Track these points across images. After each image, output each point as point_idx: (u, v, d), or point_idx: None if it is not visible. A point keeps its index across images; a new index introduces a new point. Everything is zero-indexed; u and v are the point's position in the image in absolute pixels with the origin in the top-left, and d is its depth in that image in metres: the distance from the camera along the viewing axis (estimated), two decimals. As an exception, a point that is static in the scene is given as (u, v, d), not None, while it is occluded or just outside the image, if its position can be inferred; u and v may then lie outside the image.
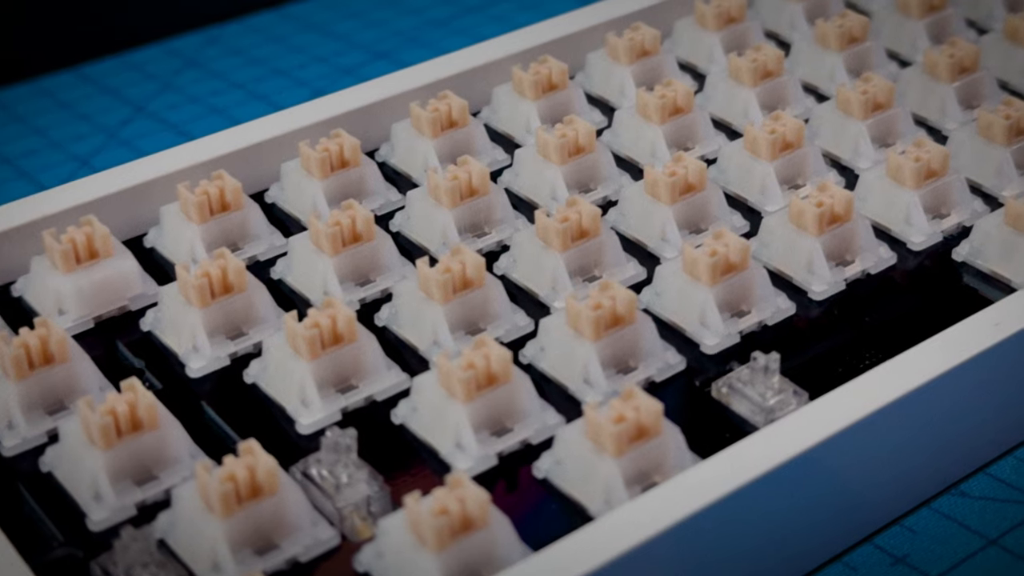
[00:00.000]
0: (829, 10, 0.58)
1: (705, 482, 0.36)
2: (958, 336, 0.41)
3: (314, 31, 0.72)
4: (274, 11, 0.74)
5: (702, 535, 0.36)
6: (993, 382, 0.41)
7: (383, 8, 0.74)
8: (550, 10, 0.66)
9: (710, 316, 0.43)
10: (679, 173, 0.46)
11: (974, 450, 0.42)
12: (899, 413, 0.39)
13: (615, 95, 0.54)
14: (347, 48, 0.70)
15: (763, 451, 0.37)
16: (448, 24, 0.72)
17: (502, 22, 0.71)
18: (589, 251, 0.44)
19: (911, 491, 0.41)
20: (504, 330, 0.43)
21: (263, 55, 0.70)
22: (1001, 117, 0.48)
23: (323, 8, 0.74)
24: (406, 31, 0.72)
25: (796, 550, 0.39)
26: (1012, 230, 0.45)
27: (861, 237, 0.45)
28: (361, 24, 0.73)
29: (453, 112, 0.50)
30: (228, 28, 0.73)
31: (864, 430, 0.38)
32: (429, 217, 0.47)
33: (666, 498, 0.36)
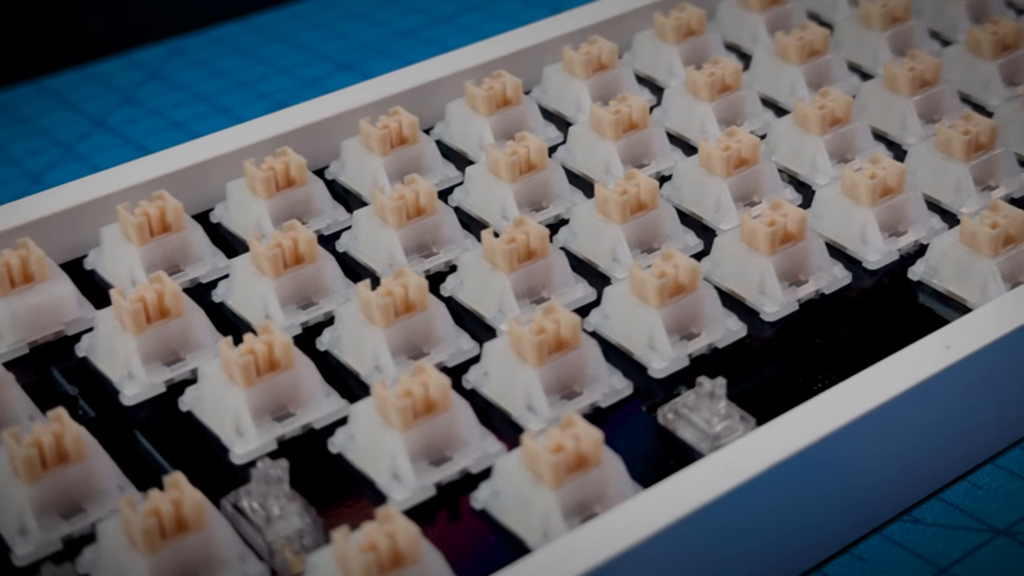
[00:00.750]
0: (791, 22, 0.58)
1: (645, 513, 0.35)
2: (908, 359, 0.40)
3: (279, 42, 0.71)
4: (240, 21, 0.74)
5: (642, 567, 0.35)
6: (945, 405, 0.40)
7: (349, 19, 0.73)
8: (519, 20, 0.66)
9: (658, 339, 0.42)
10: (630, 191, 0.45)
11: (926, 475, 0.41)
12: (846, 440, 0.38)
13: (571, 110, 0.54)
14: (312, 59, 0.69)
15: (706, 480, 0.36)
16: (416, 34, 0.71)
17: (470, 32, 0.70)
18: (537, 272, 0.44)
19: (861, 518, 0.40)
20: (448, 354, 0.42)
21: (227, 67, 0.69)
22: (960, 132, 0.48)
23: (289, 19, 0.74)
24: (372, 42, 0.71)
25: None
26: (967, 249, 0.44)
27: (815, 256, 0.45)
28: (326, 35, 0.72)
29: (404, 129, 0.49)
30: (194, 39, 0.72)
31: (811, 457, 0.37)
32: (376, 237, 0.46)
33: (605, 529, 0.35)
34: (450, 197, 0.49)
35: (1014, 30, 0.53)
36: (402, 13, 0.74)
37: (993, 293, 0.43)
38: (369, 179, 0.49)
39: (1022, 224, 0.44)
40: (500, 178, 0.47)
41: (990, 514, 0.40)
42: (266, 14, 0.74)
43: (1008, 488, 0.41)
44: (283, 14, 0.74)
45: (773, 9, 0.57)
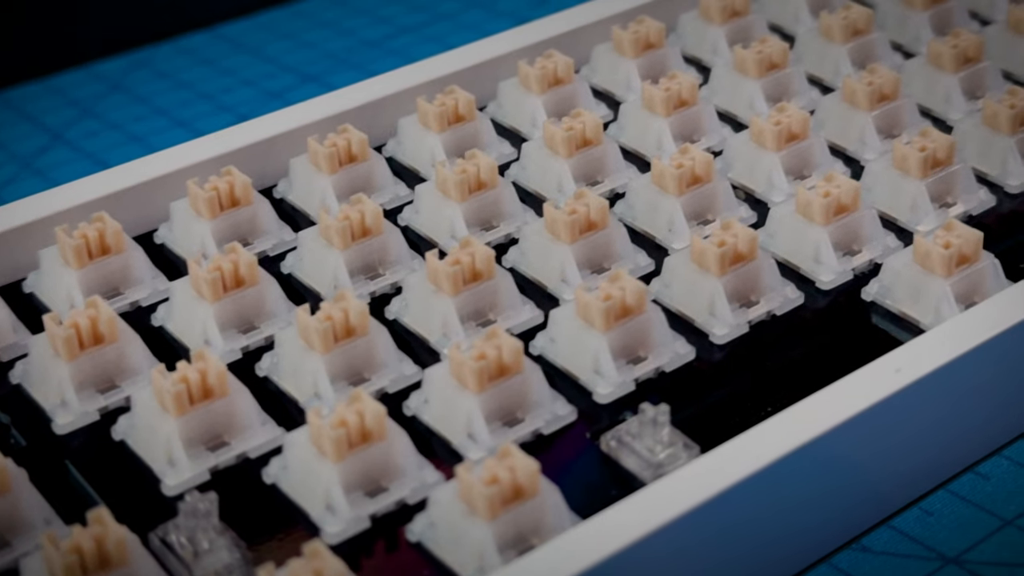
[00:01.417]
0: (752, 35, 0.57)
1: (582, 545, 0.35)
2: (857, 384, 0.39)
3: (246, 53, 0.71)
4: (207, 31, 0.73)
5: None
6: (894, 430, 0.39)
7: (318, 28, 0.72)
8: (487, 29, 0.65)
9: (604, 363, 0.41)
10: (579, 211, 0.45)
11: (875, 502, 0.40)
12: (790, 468, 0.37)
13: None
14: (277, 71, 0.69)
15: (646, 510, 0.36)
16: (382, 45, 0.70)
17: (437, 42, 0.70)
18: (483, 294, 0.43)
19: (808, 547, 0.39)
20: (389, 380, 0.41)
21: (191, 78, 0.68)
22: (916, 149, 0.47)
23: (257, 28, 0.73)
24: (338, 52, 0.70)
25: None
26: (921, 269, 0.43)
27: (766, 276, 0.44)
28: (294, 45, 0.71)
29: (353, 146, 0.48)
30: (159, 50, 0.71)
31: (753, 486, 0.37)
32: (321, 259, 0.45)
33: (541, 562, 0.34)
34: (399, 216, 0.48)
35: (975, 43, 0.52)
36: (371, 23, 0.73)
37: (946, 314, 0.42)
38: (317, 198, 0.48)
39: (976, 244, 0.43)
40: (449, 196, 0.47)
41: (940, 542, 0.39)
42: (235, 23, 0.73)
43: (959, 515, 0.40)
44: (252, 23, 0.73)
45: (734, 22, 0.57)
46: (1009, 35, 0.55)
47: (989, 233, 0.46)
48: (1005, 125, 0.49)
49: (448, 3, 0.74)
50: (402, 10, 0.74)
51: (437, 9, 0.74)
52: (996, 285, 0.43)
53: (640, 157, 0.51)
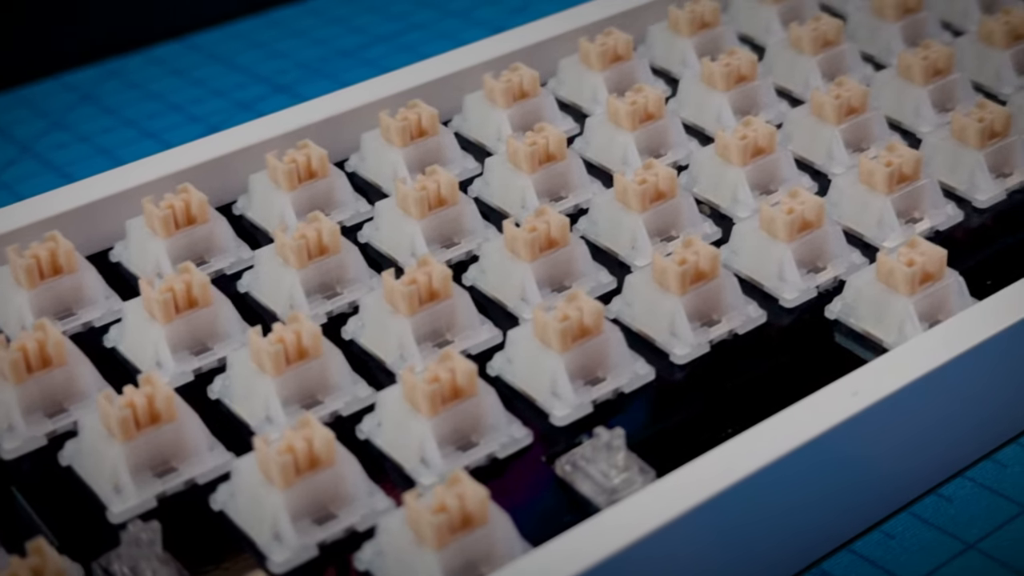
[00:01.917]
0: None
1: (532, 574, 0.34)
2: (814, 407, 0.38)
3: (217, 63, 0.70)
4: (179, 41, 0.72)
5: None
6: (852, 452, 0.39)
7: (290, 37, 0.72)
8: (463, 39, 0.65)
9: (561, 385, 0.40)
10: (539, 228, 0.44)
11: (835, 526, 0.40)
12: (746, 493, 0.37)
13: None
14: (248, 81, 0.68)
15: (598, 537, 0.35)
16: (355, 55, 0.70)
17: (410, 52, 0.69)
18: (439, 314, 0.42)
19: (767, 572, 0.39)
20: (343, 403, 0.41)
21: (161, 89, 0.68)
22: (883, 164, 0.46)
23: (230, 38, 0.72)
24: (311, 62, 0.69)
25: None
26: (884, 287, 0.43)
27: (728, 295, 0.43)
28: (265, 55, 0.70)
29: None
30: (131, 60, 0.71)
31: (709, 512, 0.36)
32: (278, 279, 0.45)
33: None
34: (359, 233, 0.48)
35: (945, 55, 0.52)
36: (345, 32, 0.72)
37: (910, 333, 0.42)
38: (276, 215, 0.48)
39: (940, 261, 0.42)
40: (409, 213, 0.46)
41: (900, 566, 0.39)
42: (207, 33, 0.73)
43: (921, 538, 0.40)
44: (224, 33, 0.73)
45: (703, 33, 0.56)
46: (980, 46, 0.54)
47: (957, 248, 0.46)
48: (973, 139, 0.48)
49: (423, 12, 0.73)
50: (377, 19, 0.73)
51: (412, 19, 0.73)
52: (960, 303, 0.43)
53: (606, 171, 0.50)
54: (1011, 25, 0.53)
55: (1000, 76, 0.53)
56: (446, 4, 0.74)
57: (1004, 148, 0.48)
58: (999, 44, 0.53)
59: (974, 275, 0.45)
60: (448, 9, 0.74)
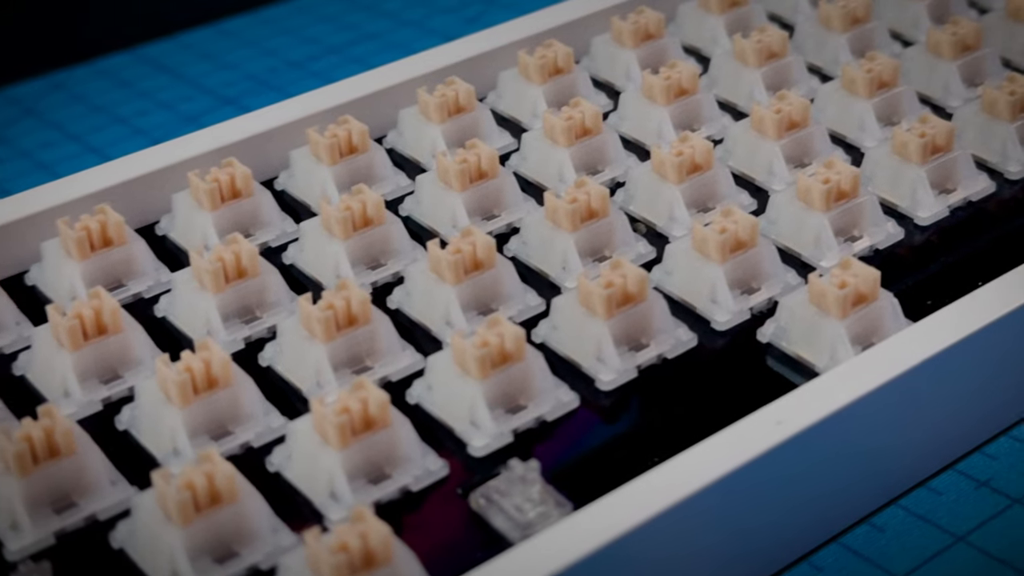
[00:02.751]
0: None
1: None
2: (736, 437, 0.37)
3: (166, 74, 0.69)
4: (128, 53, 0.71)
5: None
6: (774, 485, 0.37)
7: (241, 48, 0.71)
8: (413, 48, 0.63)
9: (479, 413, 0.39)
10: (464, 249, 0.43)
11: (760, 559, 0.38)
12: (664, 527, 0.35)
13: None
14: (195, 93, 0.67)
15: (509, 574, 0.34)
16: (304, 66, 0.69)
17: (361, 63, 0.68)
18: (359, 339, 0.41)
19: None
20: (255, 433, 0.39)
21: (107, 102, 0.67)
22: (820, 181, 0.45)
23: (179, 49, 0.71)
24: (259, 74, 0.68)
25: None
26: (816, 309, 0.41)
27: (656, 318, 0.42)
28: (214, 66, 0.69)
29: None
30: (76, 72, 0.69)
31: (627, 546, 0.35)
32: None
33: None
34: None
35: (891, 67, 0.50)
36: (295, 43, 0.71)
37: (842, 357, 0.41)
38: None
39: (873, 283, 0.41)
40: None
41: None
42: (156, 44, 0.72)
43: (848, 570, 0.38)
44: (173, 44, 0.72)
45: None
46: (928, 57, 0.53)
47: (898, 267, 0.45)
48: (915, 154, 0.47)
49: (377, 22, 0.72)
50: (329, 29, 0.72)
51: (364, 28, 0.72)
52: (895, 325, 0.41)
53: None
54: (958, 36, 0.52)
55: (948, 88, 0.52)
56: (400, 13, 0.73)
57: (947, 163, 0.47)
58: (947, 55, 0.52)
59: (914, 295, 0.44)
60: (402, 19, 0.72)
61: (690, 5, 0.57)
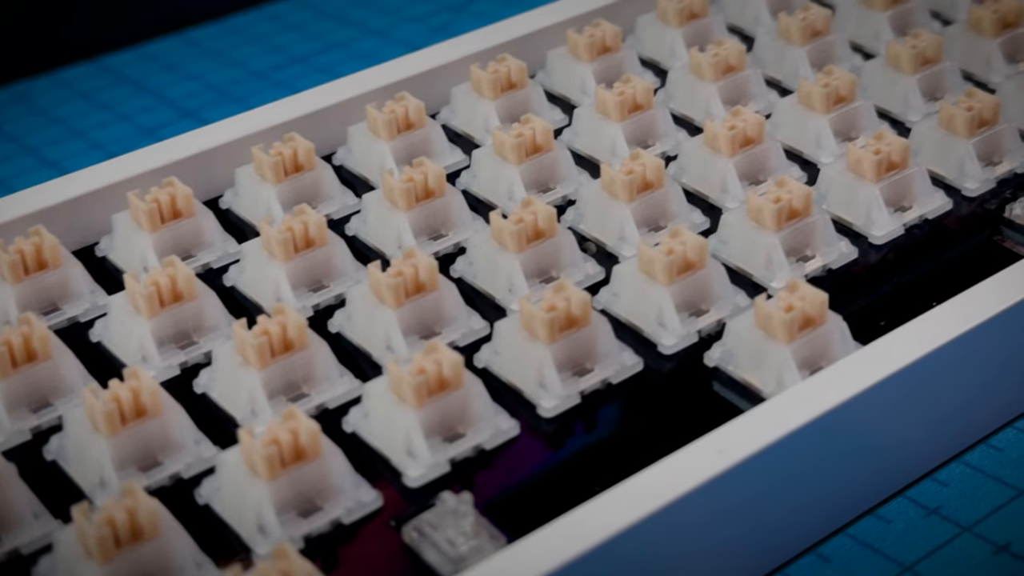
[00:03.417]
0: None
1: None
2: (677, 466, 0.36)
3: (127, 85, 0.68)
4: (91, 63, 0.70)
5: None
6: (718, 515, 0.37)
7: (205, 58, 0.70)
8: (380, 57, 0.62)
9: (416, 442, 0.38)
10: (406, 272, 0.42)
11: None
12: (601, 560, 0.34)
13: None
14: (155, 104, 0.66)
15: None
16: (268, 76, 0.68)
17: (327, 72, 0.67)
18: (294, 366, 0.40)
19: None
20: (184, 464, 0.38)
21: (66, 113, 0.66)
22: (771, 200, 0.44)
23: (141, 60, 0.70)
24: (222, 85, 0.67)
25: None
26: (763, 333, 0.40)
27: (601, 342, 0.41)
28: (178, 77, 0.68)
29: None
30: (38, 83, 0.69)
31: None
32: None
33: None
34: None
35: (848, 81, 0.50)
36: (261, 52, 0.70)
37: (788, 382, 0.40)
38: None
39: (821, 306, 0.40)
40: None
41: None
42: (119, 54, 0.71)
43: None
44: (136, 54, 0.71)
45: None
46: (888, 70, 0.52)
47: (851, 287, 0.44)
48: (869, 172, 0.46)
49: (343, 31, 0.71)
50: (295, 39, 0.71)
51: (330, 38, 0.71)
52: (843, 349, 0.40)
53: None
54: (918, 49, 0.51)
55: (908, 102, 0.51)
56: (366, 22, 0.72)
57: (902, 181, 0.46)
58: (906, 69, 0.51)
59: (867, 316, 0.43)
60: (368, 28, 0.71)
61: (648, 17, 0.57)
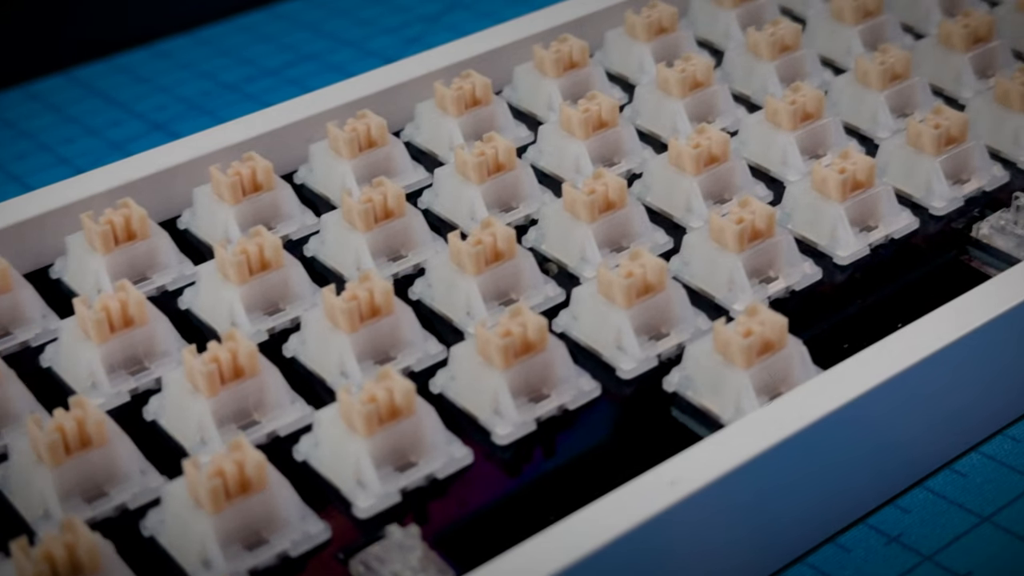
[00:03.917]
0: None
1: None
2: (628, 498, 0.36)
3: (97, 97, 0.67)
4: (62, 75, 0.69)
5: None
6: (670, 547, 0.36)
7: (178, 70, 0.69)
8: (353, 70, 0.62)
9: (366, 472, 0.37)
10: (360, 296, 0.41)
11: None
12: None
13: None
14: (125, 117, 0.65)
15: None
16: (239, 89, 0.67)
17: (297, 85, 0.67)
18: (245, 392, 0.39)
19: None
20: (131, 494, 0.38)
21: (35, 127, 0.65)
22: (733, 221, 0.43)
23: (114, 71, 0.69)
24: (192, 97, 0.67)
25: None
26: (721, 358, 0.40)
27: (558, 367, 0.40)
28: (149, 89, 0.68)
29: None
30: (9, 95, 0.68)
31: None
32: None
33: None
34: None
35: (815, 98, 0.49)
36: (233, 64, 0.69)
37: (747, 408, 0.39)
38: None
39: (781, 330, 0.40)
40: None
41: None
42: (90, 67, 0.70)
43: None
44: (108, 66, 0.70)
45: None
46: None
47: (815, 309, 0.43)
48: (834, 191, 0.45)
49: (316, 43, 0.71)
50: (267, 50, 0.70)
51: (303, 50, 0.70)
52: (803, 374, 0.40)
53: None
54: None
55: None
56: (340, 34, 0.71)
57: (868, 200, 0.45)
58: (875, 86, 0.51)
59: (831, 338, 0.42)
60: (342, 39, 0.71)
61: (616, 32, 0.56)
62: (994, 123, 0.49)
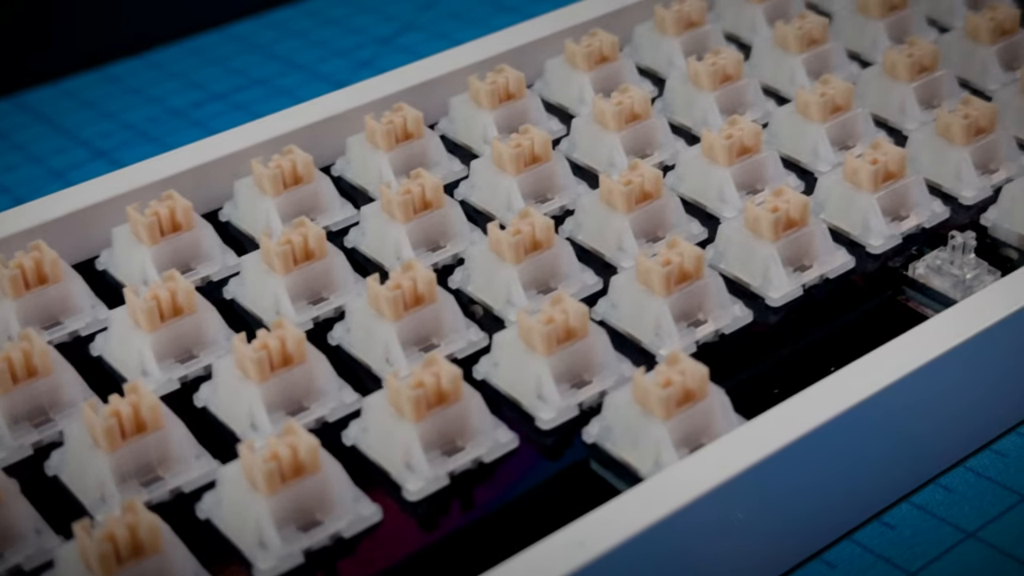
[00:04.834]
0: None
1: None
2: (537, 559, 0.34)
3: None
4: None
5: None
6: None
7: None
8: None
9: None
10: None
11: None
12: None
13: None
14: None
15: None
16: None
17: (244, 110, 0.66)
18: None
19: None
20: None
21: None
22: (659, 263, 0.42)
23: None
24: (137, 124, 0.66)
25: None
26: (640, 409, 0.38)
27: (473, 418, 0.39)
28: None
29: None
30: (0, 107, 0.67)
31: None
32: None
33: None
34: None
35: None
36: (181, 87, 0.68)
37: (666, 461, 0.38)
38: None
39: (701, 380, 0.38)
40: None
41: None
42: (37, 91, 0.69)
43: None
44: (55, 91, 0.69)
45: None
46: (798, 118, 0.50)
47: (744, 353, 0.42)
48: (767, 232, 0.44)
49: (266, 67, 0.70)
50: (216, 74, 0.69)
51: (252, 74, 0.69)
52: (725, 424, 0.38)
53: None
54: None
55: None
56: (290, 57, 0.70)
57: (801, 238, 0.44)
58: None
59: (760, 384, 0.41)
60: (293, 63, 0.70)
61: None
62: (935, 156, 0.48)
